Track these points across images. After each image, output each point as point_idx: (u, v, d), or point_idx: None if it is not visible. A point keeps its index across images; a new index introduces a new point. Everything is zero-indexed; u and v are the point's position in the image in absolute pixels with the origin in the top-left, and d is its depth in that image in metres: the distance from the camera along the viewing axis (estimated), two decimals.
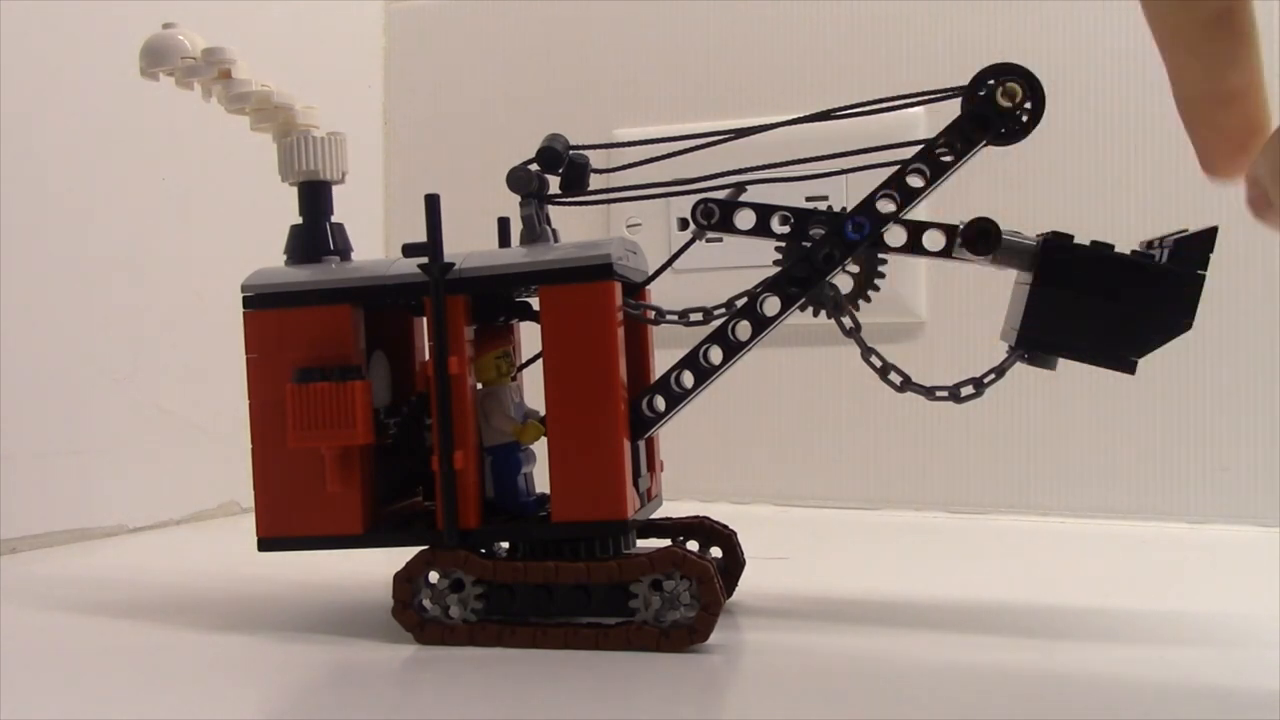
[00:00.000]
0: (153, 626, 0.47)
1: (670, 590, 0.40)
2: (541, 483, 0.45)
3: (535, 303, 0.44)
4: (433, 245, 0.42)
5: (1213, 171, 0.34)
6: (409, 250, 0.43)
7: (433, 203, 0.42)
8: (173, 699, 0.38)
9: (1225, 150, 0.33)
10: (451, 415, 0.42)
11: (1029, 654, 0.40)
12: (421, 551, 0.43)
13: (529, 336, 0.47)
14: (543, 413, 0.44)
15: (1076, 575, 0.56)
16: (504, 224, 0.49)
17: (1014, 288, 0.43)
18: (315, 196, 0.47)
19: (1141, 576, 0.56)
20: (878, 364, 0.43)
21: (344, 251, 0.47)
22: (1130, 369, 0.41)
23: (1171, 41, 0.32)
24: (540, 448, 0.44)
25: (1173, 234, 0.40)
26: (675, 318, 0.44)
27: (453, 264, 0.42)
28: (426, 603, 0.43)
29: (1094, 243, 0.41)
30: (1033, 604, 0.48)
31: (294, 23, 0.83)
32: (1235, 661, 0.39)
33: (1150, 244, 0.41)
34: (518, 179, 0.44)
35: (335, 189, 0.47)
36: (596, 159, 0.46)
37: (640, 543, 0.47)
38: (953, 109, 0.42)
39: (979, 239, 0.41)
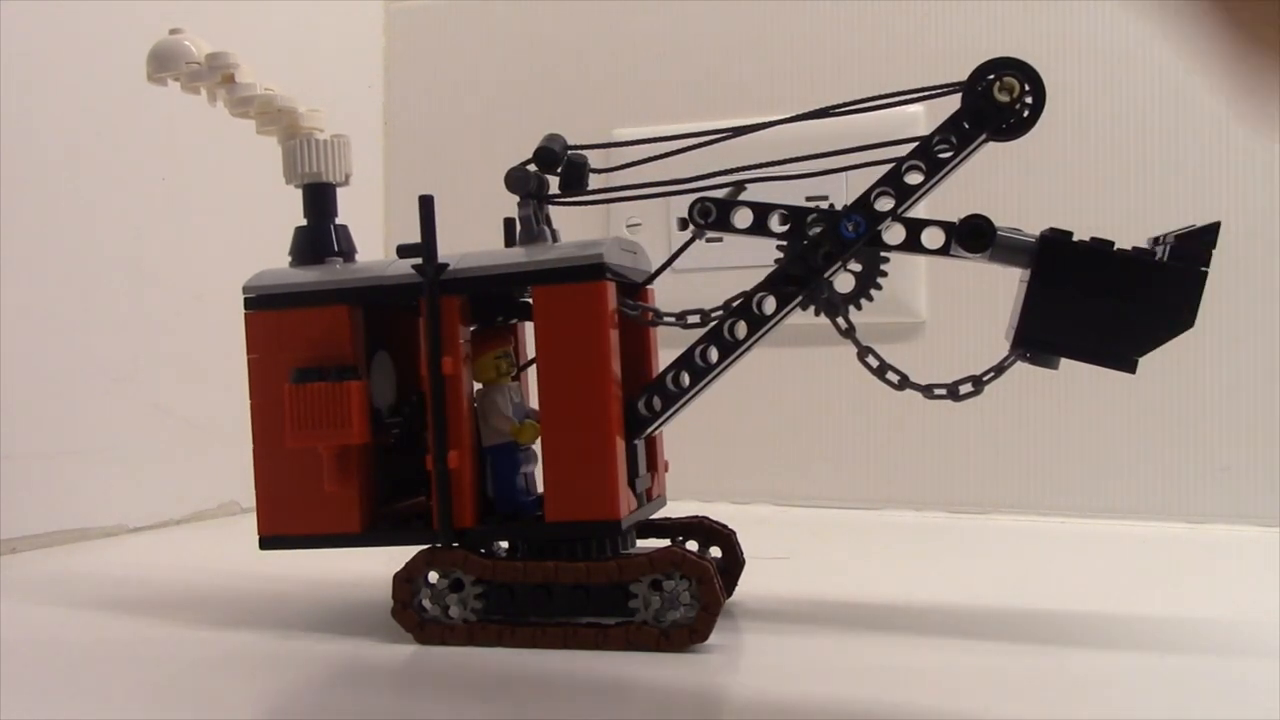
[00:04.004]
0: (153, 626, 0.47)
1: (670, 590, 0.40)
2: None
3: None
4: (427, 246, 0.42)
5: None
6: (403, 251, 0.43)
7: (426, 204, 0.42)
8: (173, 699, 0.38)
9: None
10: (446, 415, 0.42)
11: (1029, 654, 0.40)
12: (421, 551, 0.43)
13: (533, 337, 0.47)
14: None
15: (1076, 575, 0.56)
16: (510, 225, 0.49)
17: (1019, 286, 0.43)
18: (319, 198, 0.47)
19: (1141, 576, 0.55)
20: (874, 364, 0.43)
21: (348, 253, 0.47)
22: (1131, 368, 0.41)
23: None
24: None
25: (1175, 230, 0.40)
26: (673, 320, 0.44)
27: (446, 264, 0.42)
28: (426, 603, 0.43)
29: (1093, 239, 0.40)
30: (1033, 604, 0.48)
31: (294, 23, 0.83)
32: (1235, 662, 0.39)
33: (1157, 240, 0.41)
34: (516, 179, 0.44)
35: (337, 189, 0.47)
36: (596, 159, 0.46)
37: (640, 543, 0.47)
38: (953, 105, 0.41)
39: (972, 236, 0.41)
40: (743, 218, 0.43)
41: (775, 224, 0.43)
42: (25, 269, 0.64)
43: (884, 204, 0.42)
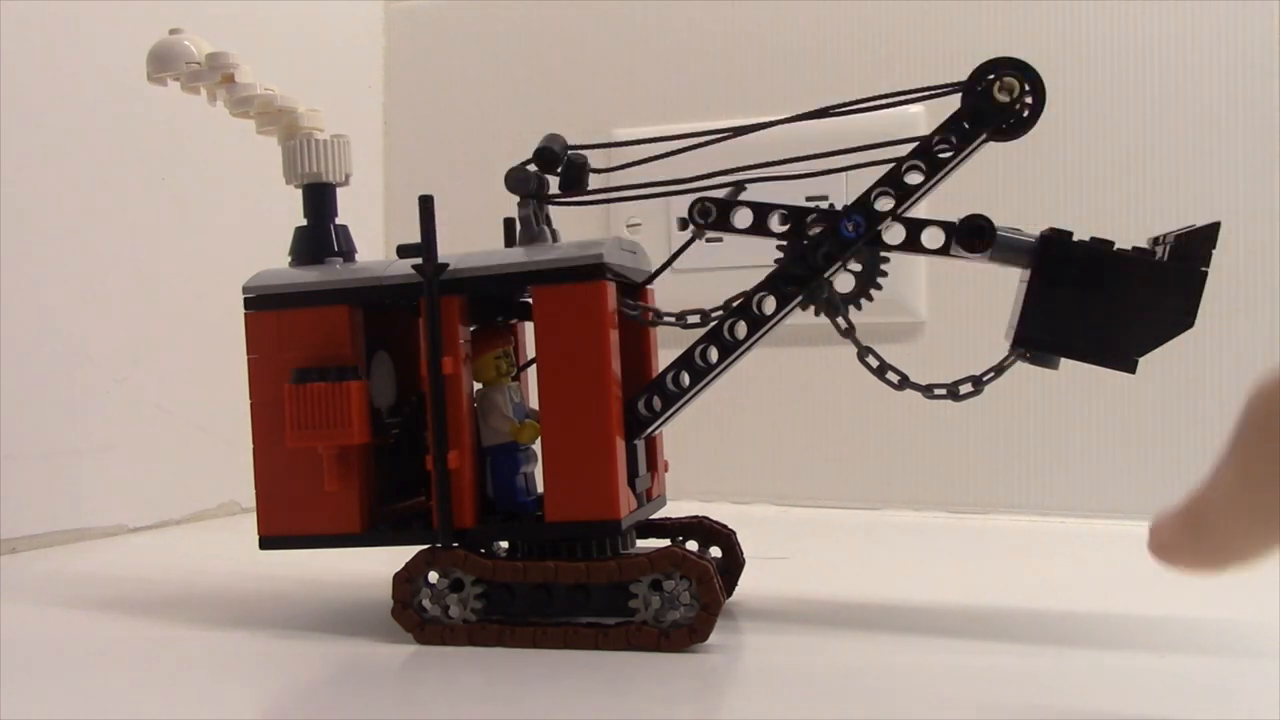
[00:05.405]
0: (153, 626, 0.47)
1: (670, 590, 0.40)
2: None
3: None
4: (426, 246, 0.42)
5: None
6: (403, 251, 0.43)
7: (426, 204, 0.42)
8: (173, 698, 0.38)
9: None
10: (446, 415, 0.42)
11: (1029, 654, 0.40)
12: (421, 551, 0.43)
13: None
14: None
15: (1076, 576, 0.56)
16: (510, 225, 0.49)
17: (1019, 286, 0.43)
18: (319, 198, 0.47)
19: (1141, 577, 0.55)
20: (874, 364, 0.43)
21: (348, 253, 0.47)
22: (1131, 368, 0.41)
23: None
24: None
25: (1175, 230, 0.40)
26: (673, 320, 0.44)
27: (446, 264, 0.42)
28: (426, 603, 0.43)
29: (1093, 239, 0.40)
30: (1032, 605, 0.48)
31: (294, 24, 0.83)
32: (1235, 662, 0.39)
33: (1157, 240, 0.41)
34: (517, 179, 0.44)
35: (337, 189, 0.47)
36: (596, 159, 0.46)
37: (640, 543, 0.47)
38: (953, 105, 0.41)
39: (972, 236, 0.41)
40: (743, 218, 0.43)
41: (775, 224, 0.43)
42: (25, 269, 0.64)
43: (884, 204, 0.42)
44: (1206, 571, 0.30)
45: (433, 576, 0.43)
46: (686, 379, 0.43)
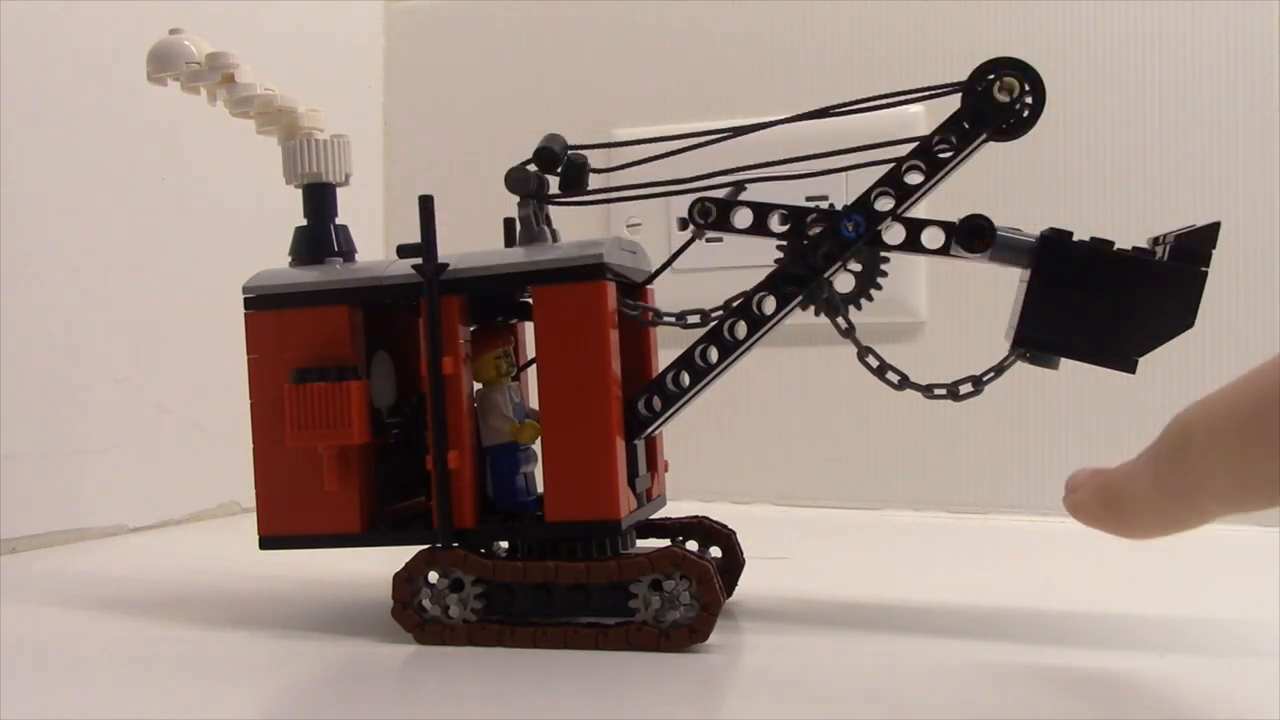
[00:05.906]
0: (152, 626, 0.47)
1: (670, 590, 0.40)
2: None
3: None
4: (426, 246, 0.42)
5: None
6: (403, 251, 0.43)
7: (426, 204, 0.42)
8: (172, 698, 0.38)
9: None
10: (446, 415, 0.42)
11: (1029, 654, 0.40)
12: (421, 551, 0.43)
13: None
14: None
15: (1076, 576, 0.56)
16: (510, 225, 0.49)
17: (1019, 286, 0.43)
18: (319, 198, 0.47)
19: (1140, 577, 0.55)
20: (874, 364, 0.43)
21: (348, 253, 0.47)
22: (1131, 368, 0.41)
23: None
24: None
25: (1175, 230, 0.40)
26: (673, 320, 0.44)
27: (446, 264, 0.42)
28: (426, 603, 0.43)
29: (1093, 239, 0.40)
30: (1032, 604, 0.48)
31: (294, 23, 0.83)
32: (1235, 662, 0.39)
33: (1157, 240, 0.41)
34: (517, 179, 0.44)
35: (337, 189, 0.47)
36: (596, 159, 0.46)
37: (640, 543, 0.47)
38: (953, 105, 0.42)
39: (972, 236, 0.41)
40: (743, 218, 0.43)
41: (775, 224, 0.43)
42: (25, 269, 0.64)
43: (884, 204, 0.42)
44: (1111, 534, 0.37)
45: (433, 576, 0.43)
46: (686, 379, 0.43)
